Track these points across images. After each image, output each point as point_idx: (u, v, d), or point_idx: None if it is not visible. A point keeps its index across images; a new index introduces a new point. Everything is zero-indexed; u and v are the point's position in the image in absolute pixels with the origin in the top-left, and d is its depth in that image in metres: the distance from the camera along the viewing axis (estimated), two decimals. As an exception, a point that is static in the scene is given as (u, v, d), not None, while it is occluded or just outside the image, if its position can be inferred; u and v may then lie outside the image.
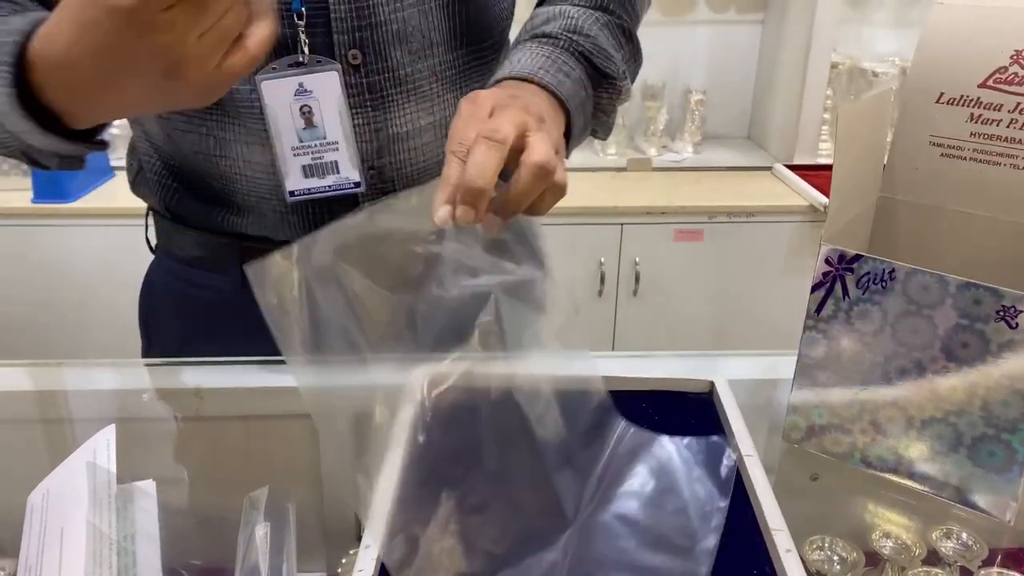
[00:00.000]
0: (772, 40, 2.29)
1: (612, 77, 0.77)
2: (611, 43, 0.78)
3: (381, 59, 0.74)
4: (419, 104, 0.78)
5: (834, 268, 0.64)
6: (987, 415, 0.61)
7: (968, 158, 0.71)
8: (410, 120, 0.77)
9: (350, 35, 0.72)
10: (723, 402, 0.71)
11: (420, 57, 0.76)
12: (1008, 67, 0.68)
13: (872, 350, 0.64)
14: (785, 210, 1.95)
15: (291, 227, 0.79)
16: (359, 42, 0.73)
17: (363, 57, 0.73)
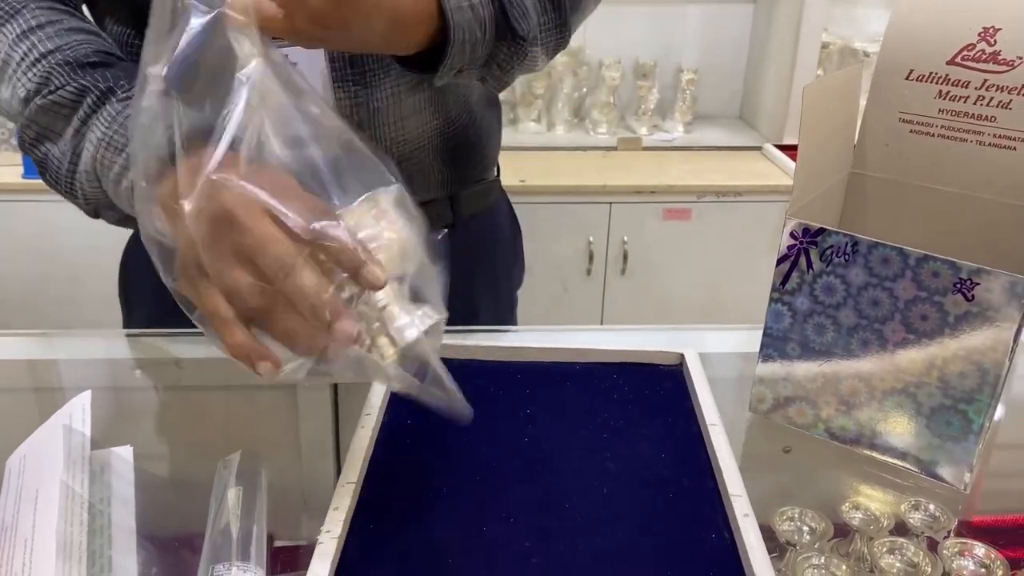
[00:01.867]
0: (764, 20, 2.29)
1: (519, 35, 0.71)
2: (535, 5, 0.73)
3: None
4: (400, 78, 0.78)
5: (798, 241, 0.65)
6: (944, 386, 0.62)
7: (936, 135, 0.72)
8: (391, 95, 0.78)
9: None
10: (691, 374, 0.73)
11: None
12: (976, 44, 0.69)
13: (835, 322, 0.65)
14: (773, 189, 1.96)
15: (270, 198, 0.79)
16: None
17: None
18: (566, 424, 0.68)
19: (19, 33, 0.66)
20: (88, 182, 0.64)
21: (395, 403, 0.69)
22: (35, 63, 0.65)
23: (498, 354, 0.76)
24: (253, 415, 0.82)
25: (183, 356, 0.78)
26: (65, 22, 0.67)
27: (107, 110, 0.63)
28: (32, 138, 0.65)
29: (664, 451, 0.65)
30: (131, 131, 0.58)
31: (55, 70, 0.64)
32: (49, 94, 0.64)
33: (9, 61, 0.66)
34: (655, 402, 0.71)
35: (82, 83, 0.63)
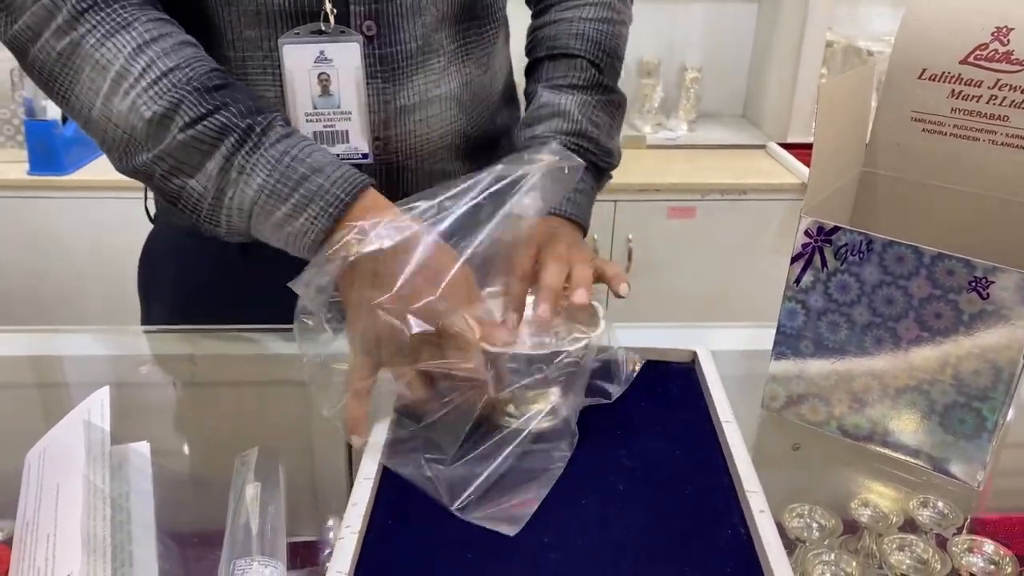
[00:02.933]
0: (768, 18, 2.29)
1: (609, 170, 0.88)
2: (607, 133, 0.86)
3: (394, 31, 0.75)
4: (427, 77, 0.79)
5: (813, 239, 0.65)
6: (958, 384, 0.62)
7: (949, 134, 0.72)
8: (418, 93, 0.78)
9: (366, 6, 0.73)
10: (704, 371, 0.73)
11: (431, 31, 0.77)
12: (989, 44, 0.69)
13: (849, 320, 0.66)
14: (777, 188, 1.96)
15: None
16: (374, 13, 0.74)
17: (377, 29, 0.74)
18: (581, 420, 0.68)
19: (135, 46, 0.65)
20: (238, 218, 0.67)
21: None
22: (157, 81, 0.65)
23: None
24: (266, 411, 0.82)
25: (198, 352, 0.79)
26: (175, 35, 0.68)
27: (263, 154, 0.65)
28: (167, 170, 0.67)
29: (679, 448, 0.65)
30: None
31: (185, 97, 0.65)
32: (187, 127, 0.65)
33: (126, 74, 0.65)
34: (669, 399, 0.71)
35: (220, 120, 0.65)
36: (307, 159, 0.65)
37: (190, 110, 0.65)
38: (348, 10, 0.73)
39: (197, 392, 0.81)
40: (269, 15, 0.72)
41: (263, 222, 0.66)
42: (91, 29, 0.65)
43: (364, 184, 0.65)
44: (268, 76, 0.75)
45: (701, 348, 0.76)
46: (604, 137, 0.86)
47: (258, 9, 0.72)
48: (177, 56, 0.66)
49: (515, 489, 0.59)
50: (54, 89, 0.68)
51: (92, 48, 0.65)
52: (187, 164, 0.66)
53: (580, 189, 0.83)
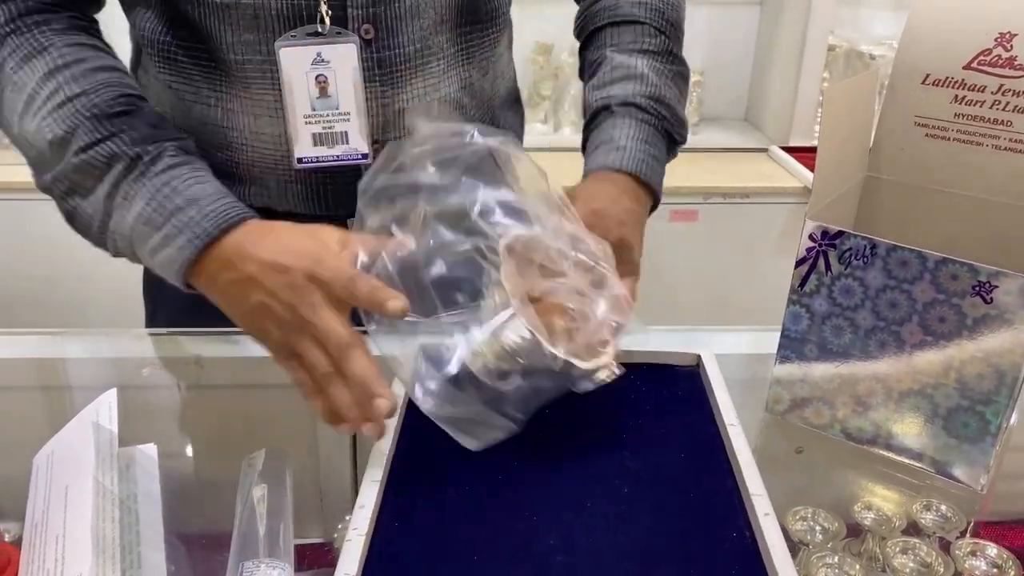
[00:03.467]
0: (770, 22, 2.30)
1: (681, 143, 0.87)
2: (681, 103, 0.86)
3: (392, 35, 0.75)
4: (426, 80, 0.79)
5: (817, 244, 0.66)
6: (962, 387, 0.63)
7: (952, 139, 0.72)
8: (416, 96, 0.79)
9: (364, 9, 0.74)
10: (708, 375, 0.74)
11: (430, 34, 0.77)
12: (992, 49, 0.69)
13: (853, 324, 0.66)
14: (780, 191, 1.97)
15: (294, 197, 0.80)
16: (372, 17, 0.74)
17: (375, 32, 0.75)
18: (585, 423, 0.68)
19: (47, 71, 0.69)
20: (122, 242, 0.70)
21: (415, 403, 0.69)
22: (61, 105, 0.68)
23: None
24: (273, 413, 0.82)
25: (204, 355, 0.79)
26: (91, 61, 0.71)
27: (145, 184, 0.68)
28: (63, 191, 0.70)
29: (684, 451, 0.65)
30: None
31: (82, 123, 0.68)
32: (80, 152, 0.68)
33: (36, 97, 0.69)
34: (673, 402, 0.72)
35: (111, 148, 0.68)
36: (186, 191, 0.67)
37: (85, 136, 0.68)
38: (346, 14, 0.74)
39: (203, 394, 0.81)
40: (266, 19, 0.73)
41: (141, 248, 0.69)
42: (11, 53, 0.70)
43: (237, 218, 0.66)
44: (267, 79, 0.75)
45: (705, 351, 0.77)
46: (678, 106, 0.85)
47: (256, 13, 0.72)
48: (85, 82, 0.69)
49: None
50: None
51: (11, 71, 0.70)
52: (80, 187, 0.69)
53: (655, 156, 0.82)
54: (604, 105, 0.84)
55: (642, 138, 0.81)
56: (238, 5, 0.72)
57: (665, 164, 0.84)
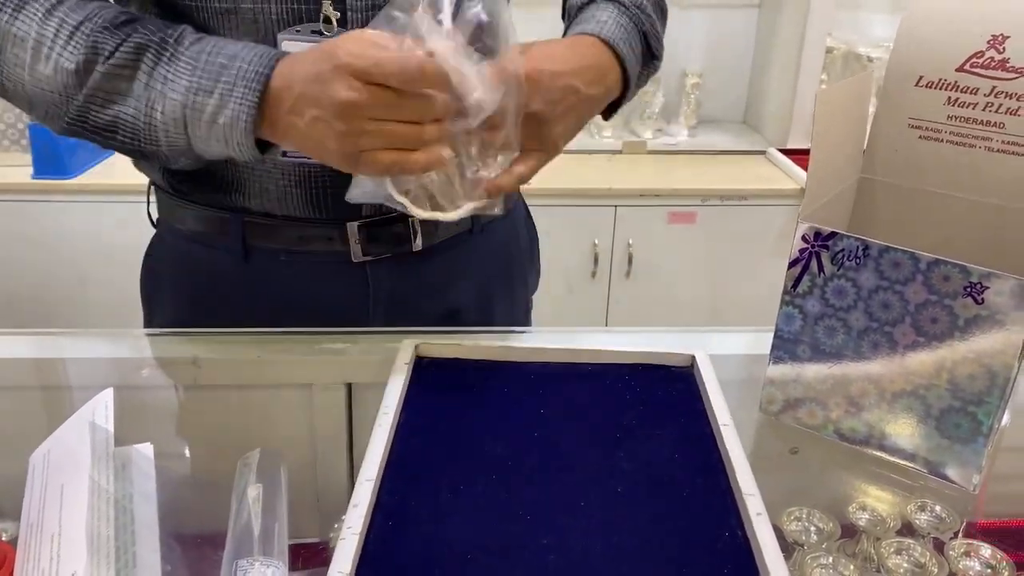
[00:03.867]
0: (768, 24, 2.30)
1: (657, 59, 0.85)
2: (660, 22, 0.85)
3: None
4: None
5: (810, 245, 0.66)
6: (954, 388, 0.63)
7: (945, 140, 0.73)
8: None
9: (363, 12, 0.74)
10: (703, 375, 0.74)
11: None
12: (985, 51, 0.70)
13: (846, 325, 0.66)
14: (777, 193, 1.97)
15: (294, 202, 0.80)
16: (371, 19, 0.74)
17: None
18: (580, 424, 0.68)
19: (44, 11, 0.69)
20: (175, 130, 0.69)
21: (411, 403, 0.70)
22: (71, 35, 0.68)
23: (513, 355, 0.77)
24: (269, 414, 0.83)
25: (201, 355, 0.79)
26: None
27: (181, 59, 0.68)
28: (99, 104, 0.69)
29: (677, 451, 0.66)
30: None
31: (99, 36, 0.68)
32: (106, 60, 0.68)
33: (42, 40, 0.68)
34: (667, 403, 0.72)
35: (136, 40, 0.68)
36: (222, 51, 0.68)
37: (107, 46, 0.68)
38: (346, 17, 0.74)
39: (201, 395, 0.81)
40: (266, 23, 0.73)
41: (198, 124, 0.68)
42: (0, 8, 0.69)
43: (278, 55, 0.67)
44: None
45: (700, 352, 0.77)
46: (657, 19, 0.85)
47: (255, 17, 0.73)
48: (84, 10, 0.69)
49: None
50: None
51: (7, 25, 0.69)
52: (115, 93, 0.69)
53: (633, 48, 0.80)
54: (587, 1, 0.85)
55: (621, 24, 0.80)
56: (238, 10, 0.72)
57: (638, 66, 0.83)
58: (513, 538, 0.56)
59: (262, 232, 0.83)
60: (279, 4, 0.73)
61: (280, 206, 0.81)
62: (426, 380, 0.73)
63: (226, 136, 0.67)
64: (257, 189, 0.81)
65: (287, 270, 0.85)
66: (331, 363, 0.81)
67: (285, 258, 0.84)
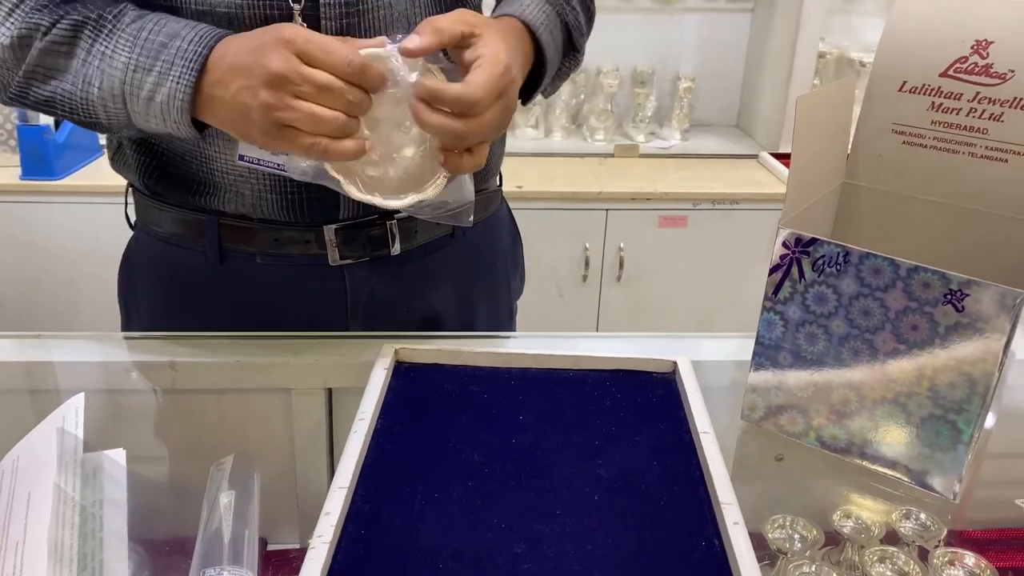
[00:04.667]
0: (761, 28, 2.30)
1: (577, 50, 0.85)
2: (584, 17, 0.85)
3: None
4: None
5: (791, 251, 0.65)
6: (934, 396, 0.62)
7: (929, 146, 0.72)
8: None
9: (337, 21, 0.73)
10: (684, 382, 0.73)
11: None
12: (968, 57, 0.69)
13: (827, 332, 0.66)
14: (768, 198, 1.97)
15: (270, 206, 0.80)
16: (345, 28, 0.74)
17: None
18: (558, 431, 0.68)
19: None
20: (114, 105, 0.70)
21: (389, 409, 0.69)
22: (10, 13, 0.69)
23: (493, 360, 0.76)
24: (247, 419, 0.82)
25: (179, 359, 0.78)
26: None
27: (120, 35, 0.69)
28: (39, 80, 0.71)
29: (656, 459, 0.65)
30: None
31: (35, 15, 0.69)
32: (43, 36, 0.69)
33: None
34: (648, 410, 0.71)
35: (74, 18, 0.69)
36: (163, 29, 0.68)
37: (43, 22, 0.69)
38: (319, 26, 0.73)
39: (178, 399, 0.81)
40: (241, 27, 0.72)
41: (137, 102, 0.69)
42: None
43: (220, 35, 0.68)
44: None
45: (681, 358, 0.76)
46: (581, 12, 0.84)
47: (230, 20, 0.72)
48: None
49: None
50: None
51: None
52: (54, 69, 0.70)
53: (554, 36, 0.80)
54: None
55: (544, 10, 0.80)
56: (213, 13, 0.72)
57: (558, 56, 0.82)
58: (487, 546, 0.56)
59: (238, 235, 0.82)
60: (252, 9, 0.72)
61: (255, 209, 0.81)
62: (405, 386, 0.73)
63: (163, 114, 0.68)
64: (232, 193, 0.80)
65: (264, 273, 0.84)
66: (310, 367, 0.80)
67: (261, 261, 0.83)
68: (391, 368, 0.74)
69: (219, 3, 0.72)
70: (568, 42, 0.84)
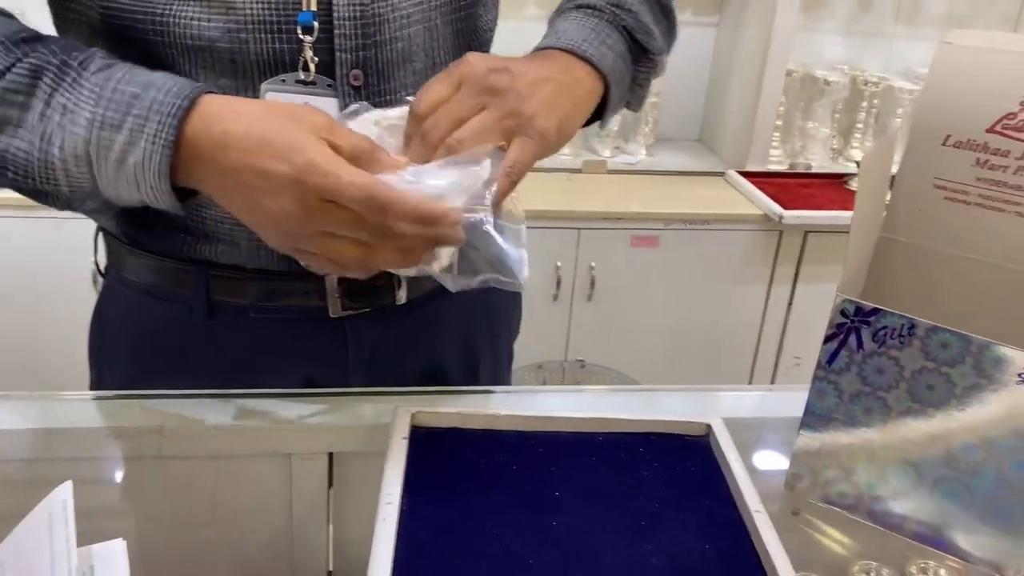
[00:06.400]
0: (727, 44, 2.29)
1: (651, 52, 0.77)
2: (651, 18, 0.77)
3: (384, 80, 0.69)
4: None
5: (849, 320, 0.62)
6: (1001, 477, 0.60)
7: (973, 203, 0.70)
8: None
9: (353, 53, 0.67)
10: (722, 448, 0.69)
11: (422, 79, 0.71)
12: (1017, 113, 0.67)
13: (884, 405, 0.63)
14: (739, 218, 1.96)
15: (267, 255, 0.73)
16: (362, 61, 0.68)
17: (365, 78, 0.68)
18: (599, 510, 0.63)
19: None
20: (76, 169, 0.59)
21: (413, 486, 0.63)
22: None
23: (517, 424, 0.71)
24: (243, 486, 0.75)
25: (168, 424, 0.71)
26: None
27: (85, 87, 0.58)
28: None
29: (708, 542, 0.60)
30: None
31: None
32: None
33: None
34: (688, 481, 0.67)
35: (31, 63, 0.58)
36: (135, 78, 0.58)
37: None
38: (333, 58, 0.67)
39: (166, 467, 0.73)
40: (245, 65, 0.66)
41: (104, 164, 0.58)
42: None
43: (202, 89, 0.58)
44: None
45: (715, 420, 0.72)
46: (642, 11, 0.76)
47: (232, 57, 0.65)
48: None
49: None
50: None
51: None
52: (5, 119, 0.59)
53: (609, 46, 0.72)
54: (557, 11, 0.78)
55: (590, 27, 0.73)
56: (212, 49, 0.64)
57: (623, 61, 0.74)
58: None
59: (229, 287, 0.75)
60: (258, 43, 0.65)
61: (252, 259, 0.74)
62: (426, 457, 0.67)
63: (137, 179, 0.58)
64: (226, 243, 0.73)
65: (257, 328, 0.77)
66: (312, 430, 0.74)
67: (255, 315, 0.76)
68: (408, 437, 0.68)
69: (219, 37, 0.64)
70: (635, 46, 0.76)
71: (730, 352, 2.03)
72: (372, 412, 0.76)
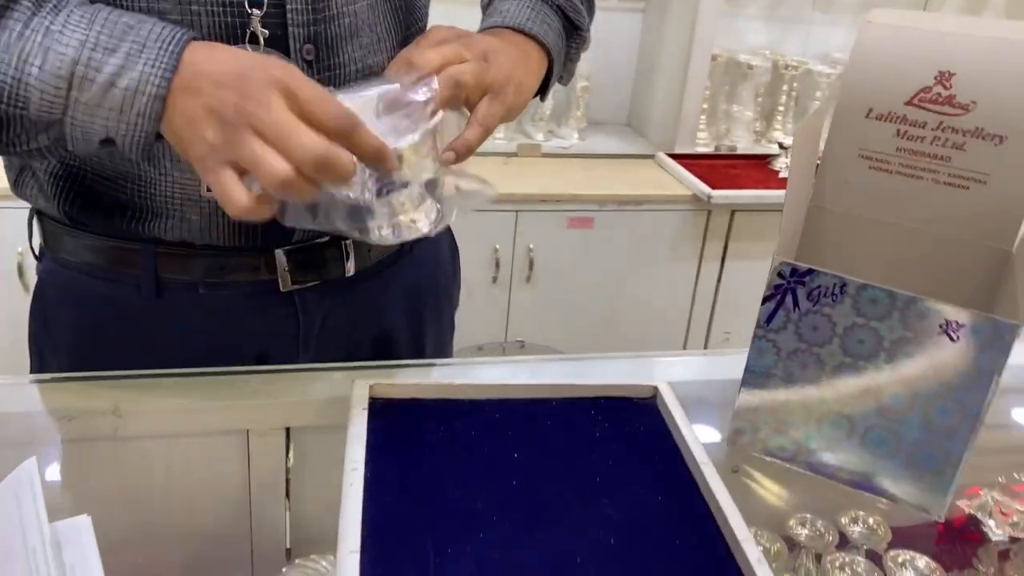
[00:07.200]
0: (653, 29, 2.34)
1: (581, 28, 0.84)
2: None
3: (333, 55, 0.70)
4: None
5: (786, 281, 0.66)
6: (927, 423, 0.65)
7: (895, 172, 0.74)
8: None
9: (305, 28, 0.68)
10: (668, 407, 0.73)
11: (368, 53, 0.73)
12: (932, 87, 0.72)
13: (819, 360, 0.67)
14: (670, 199, 2.01)
15: (219, 231, 0.73)
16: (313, 36, 0.69)
17: (316, 52, 0.69)
18: (556, 469, 0.66)
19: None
20: (55, 89, 0.57)
21: (376, 454, 0.65)
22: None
23: (473, 392, 0.73)
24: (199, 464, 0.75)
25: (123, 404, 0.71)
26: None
27: (75, 13, 0.58)
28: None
29: (661, 495, 0.64)
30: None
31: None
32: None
33: None
34: (637, 440, 0.70)
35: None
36: (125, 14, 0.59)
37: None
38: (286, 32, 0.68)
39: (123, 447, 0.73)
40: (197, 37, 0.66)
41: (90, 87, 0.57)
42: None
43: (191, 35, 0.59)
44: None
45: (662, 383, 0.76)
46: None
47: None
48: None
49: None
50: None
51: None
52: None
53: (549, 24, 0.79)
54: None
55: (529, 6, 0.79)
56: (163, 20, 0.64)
57: (561, 38, 0.81)
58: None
59: (177, 263, 0.75)
60: (210, 16, 0.66)
61: (202, 235, 0.74)
62: (386, 426, 0.68)
63: (123, 104, 0.57)
64: (176, 219, 0.73)
65: (207, 304, 0.77)
66: (268, 406, 0.75)
67: (204, 291, 0.76)
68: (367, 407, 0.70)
69: (170, 9, 0.64)
70: (568, 23, 0.83)
71: (664, 328, 2.09)
72: (327, 387, 0.77)
